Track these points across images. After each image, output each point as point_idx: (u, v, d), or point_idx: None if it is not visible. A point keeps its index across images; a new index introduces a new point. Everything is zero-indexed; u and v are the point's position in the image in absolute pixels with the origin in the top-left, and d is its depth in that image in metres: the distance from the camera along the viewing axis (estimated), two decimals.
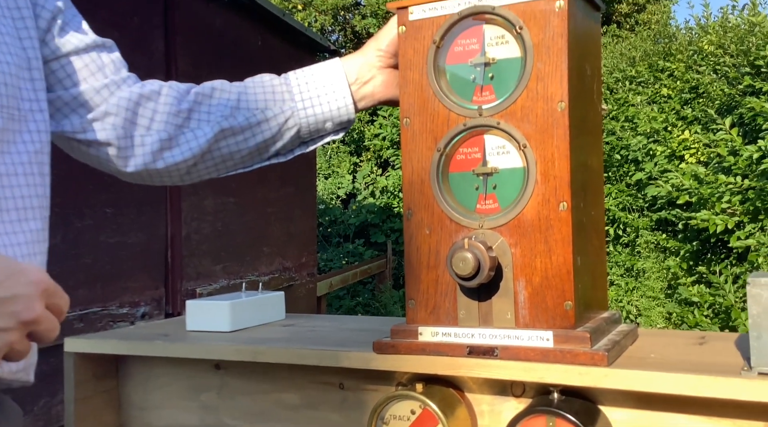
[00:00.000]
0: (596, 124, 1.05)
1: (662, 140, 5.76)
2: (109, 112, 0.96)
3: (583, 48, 0.98)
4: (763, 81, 4.50)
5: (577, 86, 0.94)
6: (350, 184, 9.63)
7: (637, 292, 6.00)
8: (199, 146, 0.99)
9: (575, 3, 0.94)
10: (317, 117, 1.02)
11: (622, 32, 10.70)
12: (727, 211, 4.16)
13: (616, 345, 0.92)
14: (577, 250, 0.92)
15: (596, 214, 1.03)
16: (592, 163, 1.01)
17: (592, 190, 1.01)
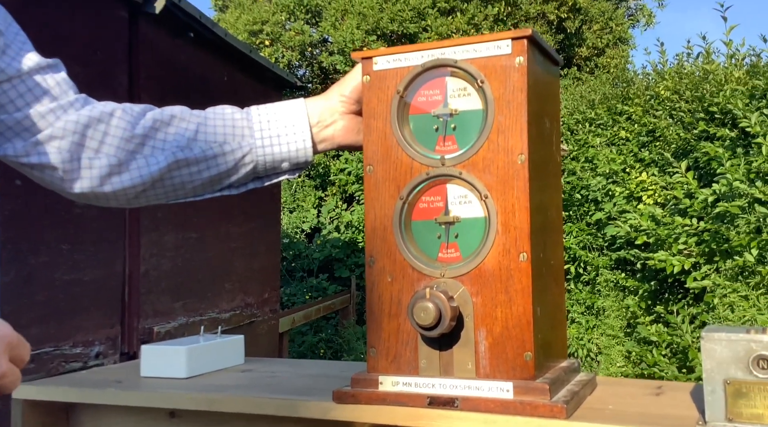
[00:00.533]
0: (555, 175, 1.07)
1: (621, 181, 5.89)
2: (55, 136, 0.92)
3: (543, 101, 1.00)
4: (717, 127, 4.65)
5: (537, 139, 0.96)
6: (315, 219, 9.60)
7: (597, 330, 6.06)
8: (150, 174, 0.96)
9: (534, 58, 0.97)
10: (275, 156, 1.01)
11: (582, 75, 11.01)
12: (683, 252, 4.26)
13: (575, 396, 0.93)
14: (537, 300, 0.93)
15: (555, 263, 1.04)
16: (551, 213, 1.03)
17: (551, 240, 1.02)
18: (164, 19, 3.32)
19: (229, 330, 3.93)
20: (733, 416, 0.76)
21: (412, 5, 10.46)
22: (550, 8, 11.13)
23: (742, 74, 4.72)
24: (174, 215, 3.36)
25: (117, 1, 3.06)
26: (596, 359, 6.09)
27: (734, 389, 0.76)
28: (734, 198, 3.98)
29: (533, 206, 0.93)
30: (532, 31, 0.94)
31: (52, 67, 0.94)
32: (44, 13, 2.68)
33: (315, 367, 1.32)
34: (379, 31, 10.39)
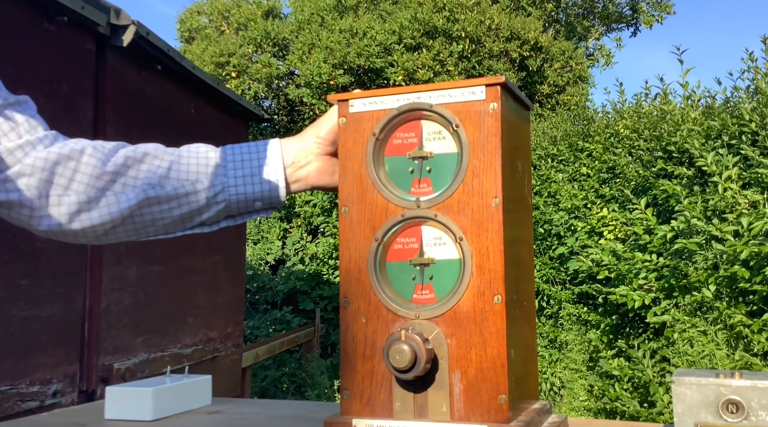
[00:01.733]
0: (527, 216, 1.09)
1: (582, 217, 6.01)
2: (23, 173, 0.90)
3: (515, 145, 1.02)
4: (674, 165, 4.79)
5: (510, 182, 0.98)
6: (279, 251, 9.53)
7: (560, 364, 6.10)
8: (119, 211, 0.95)
9: (507, 104, 0.99)
10: (247, 195, 1.01)
11: (544, 111, 11.26)
12: (643, 287, 4.34)
13: None
14: (511, 342, 0.94)
15: (528, 305, 1.05)
16: (524, 256, 1.05)
17: (524, 281, 1.03)
18: (132, 52, 3.31)
19: (192, 365, 3.85)
20: None
21: (378, 41, 10.61)
22: (513, 47, 11.40)
23: (698, 115, 4.89)
24: (137, 249, 3.30)
25: (84, 34, 3.04)
26: (559, 393, 6.12)
27: None
28: (692, 235, 4.09)
29: (507, 248, 0.94)
30: (504, 78, 0.97)
31: (21, 103, 0.93)
32: (9, 45, 2.65)
33: (285, 407, 1.30)
34: (345, 65, 10.49)
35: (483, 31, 11.15)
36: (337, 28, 10.85)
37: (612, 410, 4.59)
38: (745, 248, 3.57)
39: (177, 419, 1.19)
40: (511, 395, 0.92)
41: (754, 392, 0.75)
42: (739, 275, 3.68)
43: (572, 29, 13.94)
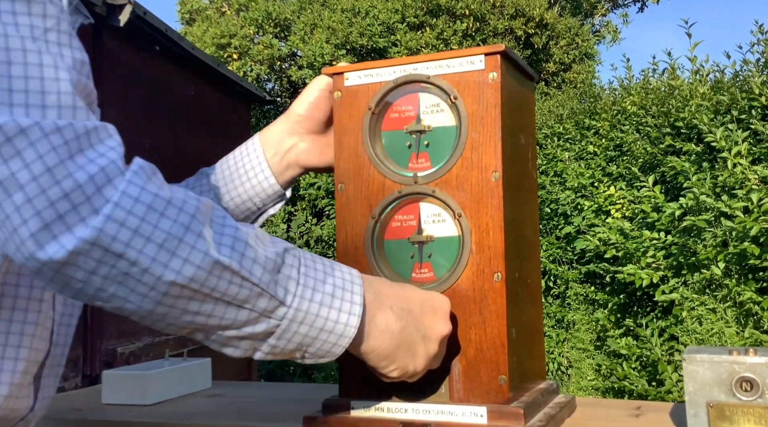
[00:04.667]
0: (531, 191, 1.05)
1: (589, 195, 5.94)
2: None
3: (518, 117, 0.98)
4: (683, 142, 4.72)
5: (511, 156, 0.94)
6: (284, 234, 9.52)
7: (567, 343, 6.08)
8: None
9: (509, 74, 0.95)
10: (242, 197, 1.01)
11: (549, 90, 11.14)
12: (651, 265, 4.29)
13: (551, 420, 0.90)
14: (512, 321, 0.91)
15: (532, 282, 1.02)
16: (527, 231, 1.01)
17: (527, 259, 1.00)
18: (129, 33, 3.26)
19: (197, 349, 3.84)
20: None
21: (381, 20, 10.50)
22: (518, 24, 11.27)
23: (707, 90, 4.81)
24: None
25: (79, 14, 2.99)
26: (567, 372, 6.10)
27: (717, 412, 0.74)
28: (701, 212, 4.03)
29: (508, 225, 0.91)
30: (505, 46, 0.93)
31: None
32: None
33: (286, 390, 1.28)
34: (348, 46, 10.40)
35: (487, 8, 11.02)
36: (339, 8, 10.74)
37: (620, 389, 4.57)
38: (755, 224, 3.52)
39: (176, 403, 1.17)
40: (512, 375, 0.89)
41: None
42: (748, 252, 3.63)
43: (578, 5, 13.77)
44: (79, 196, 0.60)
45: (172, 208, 0.63)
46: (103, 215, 0.61)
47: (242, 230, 0.69)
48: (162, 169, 1.29)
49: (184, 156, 3.81)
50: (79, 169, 0.61)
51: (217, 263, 0.64)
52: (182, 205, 0.64)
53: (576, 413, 0.99)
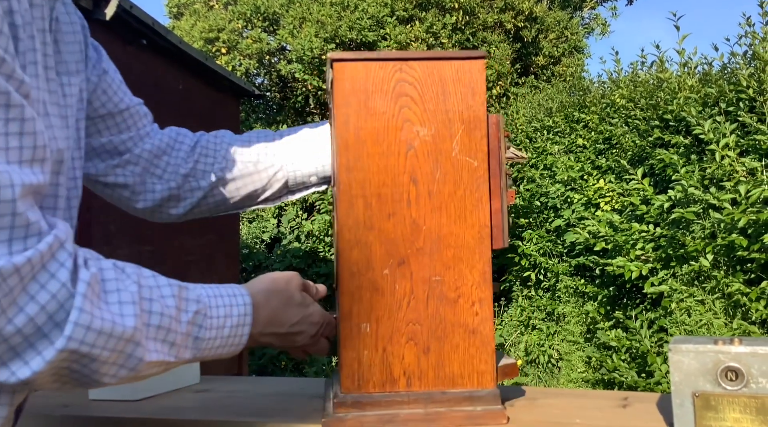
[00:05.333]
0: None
1: (579, 188, 5.96)
2: (131, 162, 1.07)
3: None
4: (671, 134, 4.74)
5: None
6: (275, 229, 9.50)
7: (558, 336, 6.11)
8: (197, 198, 1.10)
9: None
10: (303, 171, 1.11)
11: (539, 83, 11.15)
12: (640, 258, 4.31)
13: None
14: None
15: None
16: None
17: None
18: (116, 26, 3.23)
19: None
20: None
21: (370, 14, 10.46)
22: (507, 17, 11.26)
23: (695, 82, 4.82)
24: (127, 229, 3.26)
25: None
26: (557, 365, 6.13)
27: (703, 402, 0.74)
28: (689, 204, 4.05)
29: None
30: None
31: (138, 103, 1.08)
32: None
33: (275, 385, 1.27)
34: (337, 39, 10.36)
35: (477, 2, 11.00)
36: (327, 1, 10.69)
37: (610, 380, 4.60)
38: (743, 216, 3.54)
39: (163, 398, 1.16)
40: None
41: (753, 358, 0.72)
42: (737, 244, 3.66)
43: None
44: (32, 330, 0.67)
45: (116, 330, 0.72)
46: (56, 350, 0.68)
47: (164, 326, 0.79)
48: None
49: None
50: (30, 300, 0.66)
51: (150, 364, 0.78)
52: (121, 333, 0.73)
53: (564, 404, 0.99)
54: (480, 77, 0.94)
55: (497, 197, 0.95)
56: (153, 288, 0.79)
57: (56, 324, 0.67)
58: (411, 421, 0.90)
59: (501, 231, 0.95)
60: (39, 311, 0.66)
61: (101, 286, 0.73)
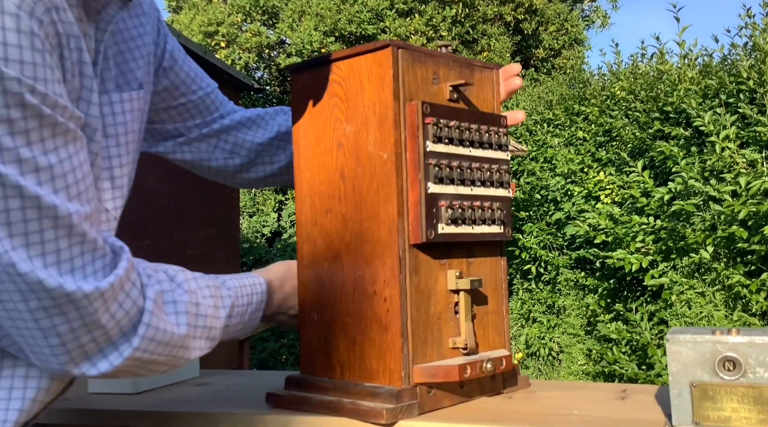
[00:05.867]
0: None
1: (579, 181, 5.95)
2: (198, 141, 1.15)
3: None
4: (671, 126, 4.73)
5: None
6: (275, 223, 9.50)
7: (558, 329, 6.11)
8: (269, 171, 1.19)
9: None
10: None
11: (539, 76, 11.13)
12: (641, 250, 4.32)
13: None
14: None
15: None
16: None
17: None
18: None
19: None
20: (700, 419, 0.74)
21: (370, 6, 10.43)
22: (507, 10, 11.23)
23: (695, 74, 4.81)
24: (126, 223, 3.25)
25: None
26: (558, 357, 6.14)
27: (700, 392, 0.74)
28: (689, 196, 4.05)
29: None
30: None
31: (211, 91, 1.15)
32: None
33: (274, 378, 1.27)
34: (337, 33, 10.34)
35: None
36: None
37: (610, 373, 4.60)
38: (743, 207, 3.53)
39: (163, 392, 1.16)
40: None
41: (751, 348, 0.72)
42: (737, 236, 3.66)
43: None
44: (106, 342, 0.78)
45: (173, 339, 0.84)
46: (123, 358, 0.79)
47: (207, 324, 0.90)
48: (147, 157, 1.29)
49: None
50: (110, 318, 0.76)
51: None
52: (177, 340, 0.85)
53: (562, 396, 0.99)
54: (386, 67, 0.92)
55: (415, 189, 0.92)
56: (198, 292, 0.88)
57: (126, 337, 0.78)
58: (318, 407, 0.95)
59: (419, 225, 0.92)
60: (114, 326, 0.77)
61: (162, 298, 0.83)
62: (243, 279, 0.98)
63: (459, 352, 0.97)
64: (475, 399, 0.98)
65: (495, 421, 0.85)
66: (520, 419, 0.87)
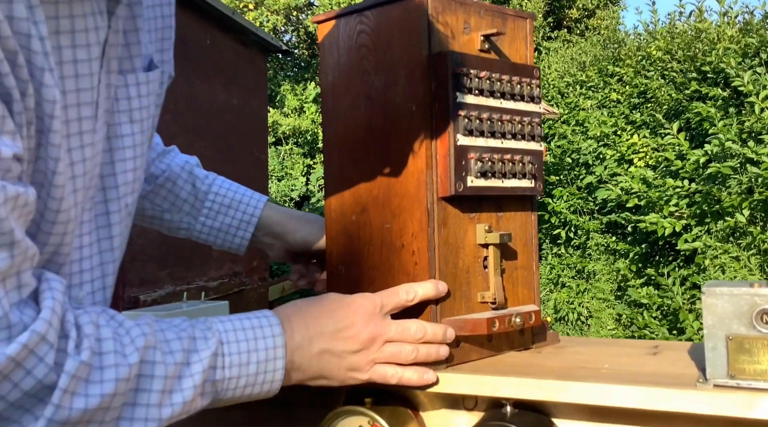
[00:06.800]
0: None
1: (612, 144, 5.85)
2: None
3: None
4: (709, 87, 4.60)
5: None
6: (303, 187, 9.54)
7: (588, 294, 6.07)
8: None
9: None
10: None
11: (572, 37, 10.87)
12: (674, 214, 4.24)
13: None
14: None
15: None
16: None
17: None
18: None
19: (218, 299, 3.90)
20: (736, 372, 0.73)
21: None
22: None
23: (735, 32, 4.66)
24: None
25: None
26: (587, 322, 6.12)
27: (737, 345, 0.72)
28: (726, 159, 3.95)
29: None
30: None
31: None
32: None
33: None
34: None
35: None
36: None
37: (640, 337, 4.57)
38: None
39: None
40: None
41: None
42: None
43: None
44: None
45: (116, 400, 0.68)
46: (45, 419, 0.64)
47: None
48: (176, 119, 1.28)
49: (199, 106, 3.79)
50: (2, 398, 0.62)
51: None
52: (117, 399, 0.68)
53: (593, 352, 0.98)
54: (416, 17, 0.90)
55: (444, 142, 0.90)
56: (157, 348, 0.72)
57: (32, 414, 0.64)
58: None
59: (447, 178, 0.90)
60: (6, 408, 0.63)
61: (92, 363, 0.67)
62: (242, 321, 0.80)
63: (488, 306, 0.96)
64: (504, 353, 0.98)
65: (522, 374, 0.85)
66: (549, 372, 0.86)
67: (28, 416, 0.63)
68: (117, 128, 0.79)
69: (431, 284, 0.88)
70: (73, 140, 0.70)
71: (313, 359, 0.80)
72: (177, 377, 0.72)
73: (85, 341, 0.67)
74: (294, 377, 0.81)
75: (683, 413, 0.75)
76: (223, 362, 0.75)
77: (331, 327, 0.81)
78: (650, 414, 0.79)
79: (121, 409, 0.68)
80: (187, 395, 0.72)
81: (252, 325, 0.79)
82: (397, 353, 0.83)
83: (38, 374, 0.62)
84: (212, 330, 0.76)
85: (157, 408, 0.70)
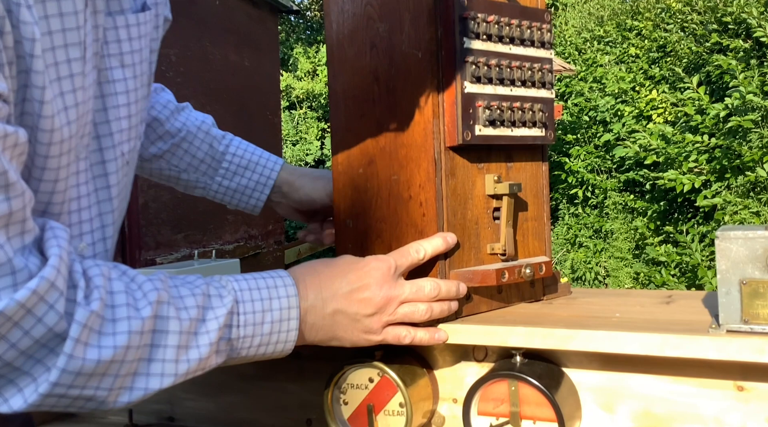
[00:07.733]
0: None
1: (630, 101, 5.75)
2: None
3: None
4: (730, 38, 4.48)
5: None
6: (318, 151, 9.52)
7: (605, 253, 6.05)
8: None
9: None
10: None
11: None
12: (694, 170, 4.18)
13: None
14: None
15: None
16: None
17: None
18: None
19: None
20: (750, 317, 0.71)
21: None
22: None
23: None
24: None
25: None
26: (604, 281, 6.10)
27: (751, 290, 0.71)
28: (747, 112, 3.87)
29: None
30: None
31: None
32: None
33: None
34: None
35: None
36: None
37: None
38: None
39: None
40: None
41: None
42: None
43: None
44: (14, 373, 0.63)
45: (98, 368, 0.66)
46: (39, 395, 0.64)
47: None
48: (188, 82, 1.27)
49: (211, 68, 3.76)
50: (10, 348, 0.62)
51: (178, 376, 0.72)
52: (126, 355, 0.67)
53: (604, 302, 0.97)
54: None
55: (451, 89, 0.88)
56: (171, 303, 0.71)
57: (44, 365, 0.63)
58: None
59: (455, 126, 0.88)
60: (18, 357, 0.62)
61: (104, 314, 0.66)
62: (257, 281, 0.78)
63: (498, 258, 0.95)
64: (514, 305, 0.97)
65: (532, 323, 0.84)
66: (558, 321, 0.85)
67: (40, 366, 0.63)
68: (108, 73, 0.76)
69: (440, 238, 0.86)
70: (64, 83, 0.68)
71: (326, 319, 0.79)
72: (192, 333, 0.71)
73: (96, 292, 0.66)
74: (307, 337, 0.80)
75: (695, 359, 0.74)
76: (238, 320, 0.74)
77: (345, 288, 0.80)
78: (662, 361, 0.78)
79: (137, 364, 0.68)
80: (203, 352, 0.71)
81: (267, 284, 0.77)
82: (411, 314, 0.82)
83: (49, 322, 0.62)
84: (227, 288, 0.75)
85: (173, 364, 0.70)
